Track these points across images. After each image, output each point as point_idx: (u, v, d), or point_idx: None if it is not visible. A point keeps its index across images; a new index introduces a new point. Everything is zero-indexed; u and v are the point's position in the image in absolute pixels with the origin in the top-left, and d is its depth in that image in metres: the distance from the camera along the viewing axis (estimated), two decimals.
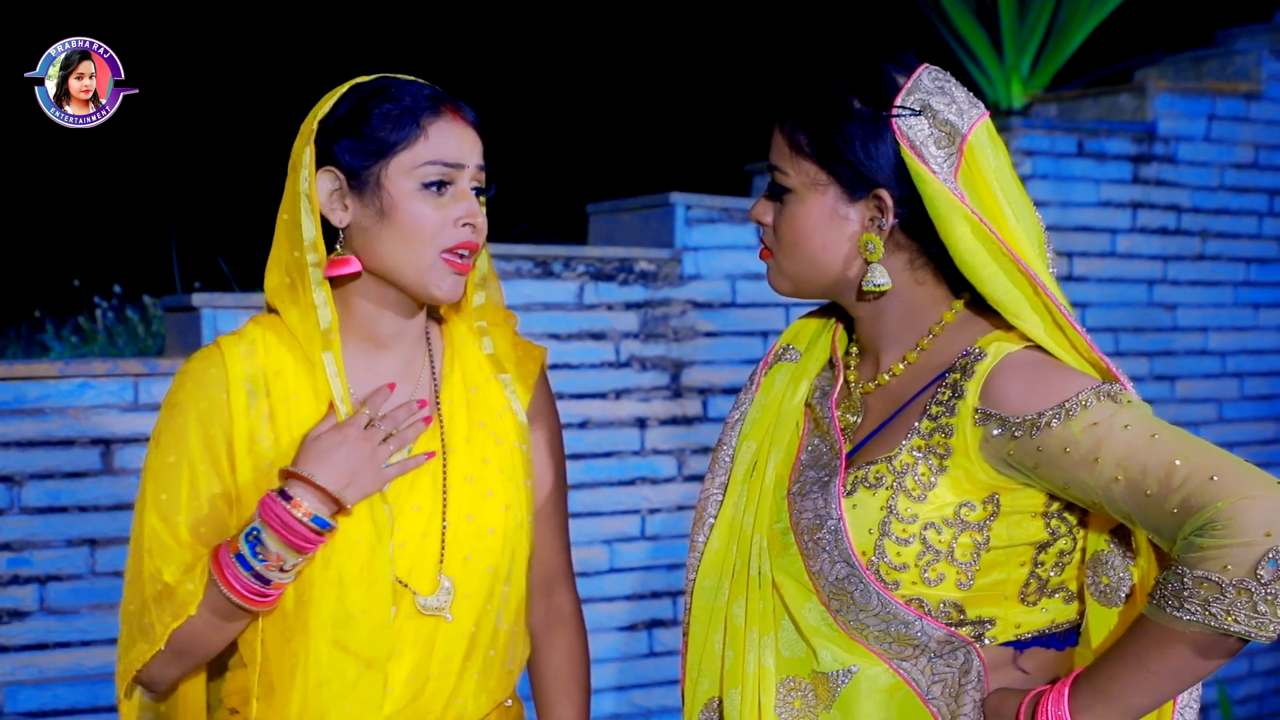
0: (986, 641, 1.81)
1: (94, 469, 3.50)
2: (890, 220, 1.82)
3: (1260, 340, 5.18)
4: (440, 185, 1.94)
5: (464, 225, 1.96)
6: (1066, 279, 4.79)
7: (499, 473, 2.04)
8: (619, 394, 4.14)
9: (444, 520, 1.99)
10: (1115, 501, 1.70)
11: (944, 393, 1.79)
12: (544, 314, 4.03)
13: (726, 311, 4.29)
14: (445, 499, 2.00)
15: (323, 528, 1.90)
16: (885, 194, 1.82)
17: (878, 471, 1.80)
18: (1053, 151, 4.79)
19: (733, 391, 4.27)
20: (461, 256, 1.96)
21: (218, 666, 2.03)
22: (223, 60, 7.60)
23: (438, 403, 2.04)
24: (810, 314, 2.05)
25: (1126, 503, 1.69)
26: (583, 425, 4.09)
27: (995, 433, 1.75)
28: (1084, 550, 1.84)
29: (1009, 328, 1.81)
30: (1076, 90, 5.29)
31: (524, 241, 5.38)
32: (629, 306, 4.16)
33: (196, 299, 3.67)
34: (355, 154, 1.94)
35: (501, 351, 2.11)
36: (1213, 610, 1.61)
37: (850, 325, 1.98)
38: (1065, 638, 1.85)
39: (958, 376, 1.79)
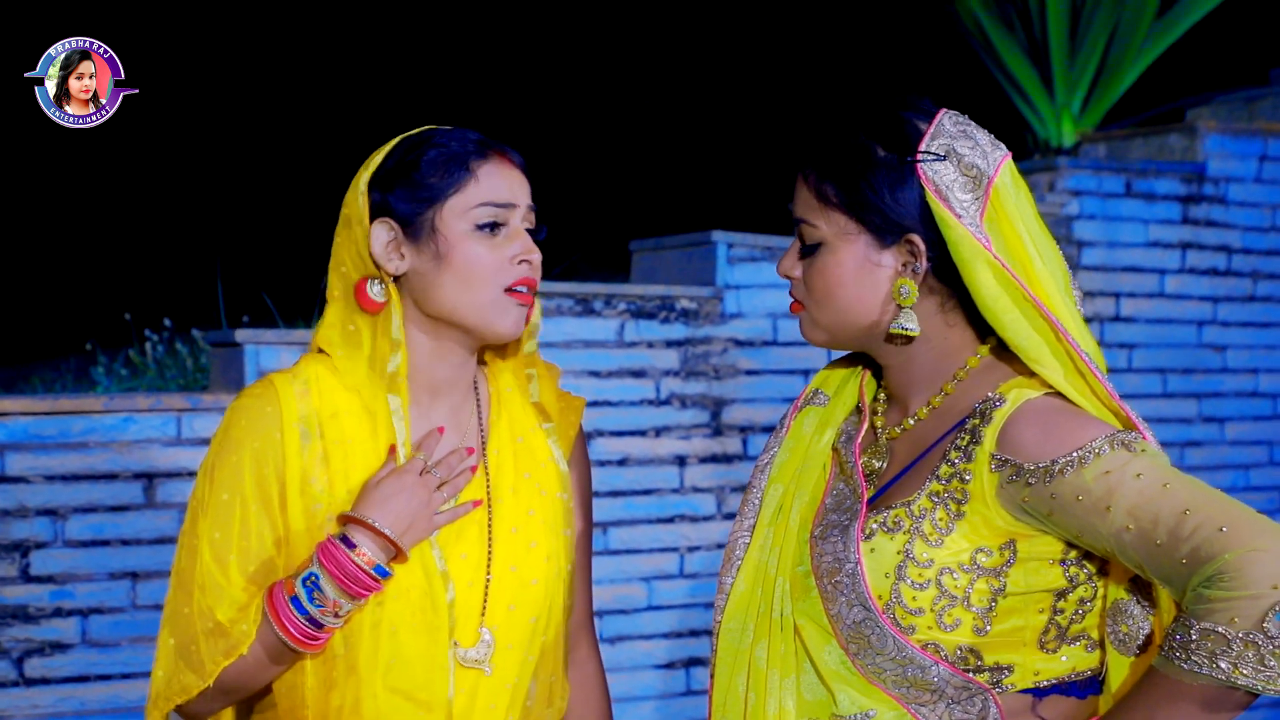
0: (1005, 688, 1.79)
1: (137, 502, 3.54)
2: (924, 264, 1.82)
3: None
4: (494, 226, 1.96)
5: (521, 262, 1.98)
6: (1114, 319, 4.76)
7: (542, 523, 2.05)
8: (659, 431, 4.14)
9: (488, 572, 2.00)
10: (1126, 550, 1.69)
11: (963, 438, 1.79)
12: (584, 351, 4.04)
13: (767, 350, 4.28)
14: (490, 550, 2.01)
15: (383, 576, 1.91)
16: (917, 238, 1.81)
17: (896, 516, 1.80)
18: (1100, 191, 4.77)
19: (773, 430, 4.26)
20: (523, 291, 1.98)
21: (245, 707, 2.03)
22: (273, 100, 7.69)
23: (484, 452, 2.04)
24: (839, 359, 2.04)
25: (1137, 551, 1.67)
26: (622, 463, 4.09)
27: (1011, 479, 1.74)
28: (1105, 598, 1.82)
29: (1032, 374, 1.81)
30: (1126, 130, 5.26)
31: (569, 278, 5.40)
32: (670, 344, 4.16)
33: (239, 335, 3.71)
34: (408, 201, 1.96)
35: (547, 400, 2.12)
36: (1219, 663, 1.60)
37: (878, 370, 1.97)
38: (1087, 686, 1.83)
39: (977, 422, 1.79)
